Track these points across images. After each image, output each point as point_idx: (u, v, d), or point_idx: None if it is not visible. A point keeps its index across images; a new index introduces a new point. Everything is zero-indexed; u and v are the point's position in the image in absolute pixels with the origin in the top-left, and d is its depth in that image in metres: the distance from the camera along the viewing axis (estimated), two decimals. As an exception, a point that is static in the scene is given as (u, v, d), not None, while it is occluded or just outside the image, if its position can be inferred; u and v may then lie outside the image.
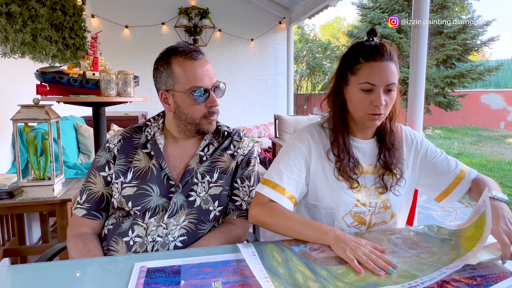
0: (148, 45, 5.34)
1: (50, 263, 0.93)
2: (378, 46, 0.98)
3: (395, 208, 1.08)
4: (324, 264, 0.80)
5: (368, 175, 1.07)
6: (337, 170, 1.03)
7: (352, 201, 1.04)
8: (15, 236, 2.12)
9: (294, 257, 0.84)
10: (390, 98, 0.99)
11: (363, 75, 0.97)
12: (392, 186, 1.06)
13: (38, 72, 1.92)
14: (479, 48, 8.96)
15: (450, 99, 8.79)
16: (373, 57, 0.97)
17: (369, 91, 0.97)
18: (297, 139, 1.07)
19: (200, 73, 1.01)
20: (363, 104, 0.98)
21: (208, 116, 1.05)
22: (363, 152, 1.08)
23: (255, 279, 0.72)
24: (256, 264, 0.79)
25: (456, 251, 0.84)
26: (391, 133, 1.07)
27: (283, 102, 6.11)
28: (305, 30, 12.35)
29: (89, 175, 1.09)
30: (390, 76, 0.96)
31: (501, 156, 6.28)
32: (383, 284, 0.71)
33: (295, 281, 0.73)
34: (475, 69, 8.60)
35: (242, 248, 0.87)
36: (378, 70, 0.96)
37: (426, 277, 0.73)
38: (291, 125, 4.17)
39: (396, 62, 0.99)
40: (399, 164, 1.07)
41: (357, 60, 0.99)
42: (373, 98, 0.96)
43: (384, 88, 0.96)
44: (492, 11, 35.75)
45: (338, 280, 0.73)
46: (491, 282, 0.73)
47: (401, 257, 0.83)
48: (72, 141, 2.83)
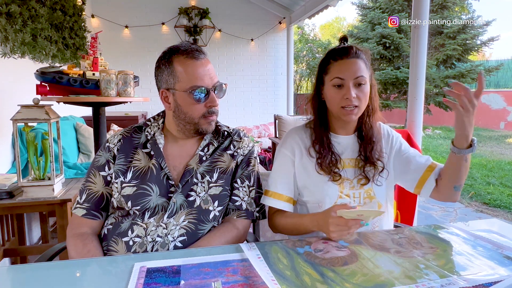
0: (148, 45, 5.34)
1: (50, 263, 0.93)
2: (346, 48, 1.08)
3: (380, 198, 1.12)
4: (331, 265, 0.81)
5: (350, 169, 1.13)
6: (318, 165, 1.11)
7: (336, 192, 1.10)
8: (15, 236, 2.12)
9: (300, 258, 0.84)
10: (362, 92, 1.06)
11: (333, 72, 1.08)
12: (374, 177, 1.11)
13: (38, 72, 1.92)
14: (479, 48, 8.95)
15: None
16: (341, 56, 1.07)
17: (340, 86, 1.06)
18: (282, 146, 1.18)
19: (201, 72, 1.01)
20: (336, 98, 1.07)
21: (207, 116, 1.05)
22: (344, 147, 1.15)
23: (256, 279, 0.72)
24: (262, 267, 0.79)
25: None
26: (371, 128, 1.14)
27: (283, 102, 6.11)
28: (305, 30, 12.36)
29: (89, 175, 1.09)
30: (357, 70, 1.05)
31: (501, 156, 6.28)
32: (391, 284, 0.72)
33: (303, 283, 0.73)
34: (475, 69, 8.58)
35: (246, 251, 0.87)
36: (346, 65, 1.06)
37: (434, 282, 0.73)
38: (291, 125, 4.17)
39: (364, 60, 1.08)
40: (380, 157, 1.13)
41: (328, 61, 1.10)
42: (344, 92, 1.05)
43: (353, 82, 1.05)
44: (492, 11, 35.76)
45: (345, 282, 0.74)
46: (491, 282, 0.73)
47: (406, 257, 0.84)
48: (72, 141, 2.83)
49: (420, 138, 2.43)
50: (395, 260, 0.83)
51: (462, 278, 0.75)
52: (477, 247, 0.90)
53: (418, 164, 1.13)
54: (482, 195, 4.02)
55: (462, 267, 0.80)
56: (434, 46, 9.03)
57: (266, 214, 1.17)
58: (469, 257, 0.85)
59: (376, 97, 1.14)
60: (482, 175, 4.93)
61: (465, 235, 0.99)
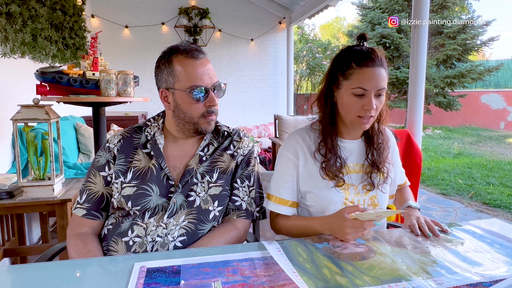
0: (148, 45, 5.34)
1: (50, 263, 0.93)
2: (369, 51, 1.02)
3: (383, 204, 1.13)
4: (349, 259, 0.83)
5: (355, 174, 1.11)
6: (322, 169, 1.07)
7: (341, 199, 1.08)
8: (15, 236, 2.12)
9: (319, 253, 0.87)
10: (380, 102, 1.03)
11: (355, 80, 1.01)
12: (379, 184, 1.10)
13: (38, 72, 1.92)
14: (479, 48, 8.95)
15: (450, 99, 8.78)
16: (365, 62, 1.00)
17: (361, 95, 1.01)
18: (285, 149, 1.13)
19: (200, 72, 1.01)
20: (355, 108, 1.02)
21: (206, 116, 1.05)
22: (350, 152, 1.12)
23: (256, 279, 0.72)
24: (283, 260, 0.81)
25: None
26: (379, 134, 1.12)
27: (283, 102, 6.11)
28: (305, 30, 12.35)
29: (89, 175, 1.09)
30: (381, 82, 1.00)
31: (501, 156, 6.28)
32: (408, 278, 0.74)
33: (323, 275, 0.75)
34: (475, 69, 8.58)
35: (267, 245, 0.90)
36: (370, 75, 0.99)
37: (451, 276, 0.75)
38: (291, 125, 4.17)
39: (385, 67, 1.03)
40: (387, 163, 1.11)
41: (349, 65, 1.02)
42: (365, 103, 1.00)
43: (375, 92, 1.01)
44: (492, 11, 35.77)
45: (364, 275, 0.76)
46: (491, 282, 0.73)
47: (423, 253, 0.87)
48: (72, 141, 2.83)
49: (420, 138, 2.43)
50: (412, 255, 0.85)
51: (479, 274, 0.76)
52: (493, 244, 0.92)
53: (398, 176, 1.22)
54: (482, 195, 4.02)
55: (478, 263, 0.82)
56: (434, 46, 9.03)
57: (266, 214, 1.17)
58: (485, 254, 0.86)
59: (386, 102, 1.10)
60: (482, 175, 4.93)
61: (481, 232, 1.01)
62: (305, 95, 11.03)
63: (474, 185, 4.45)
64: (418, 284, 0.72)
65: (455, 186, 4.41)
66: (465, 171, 5.16)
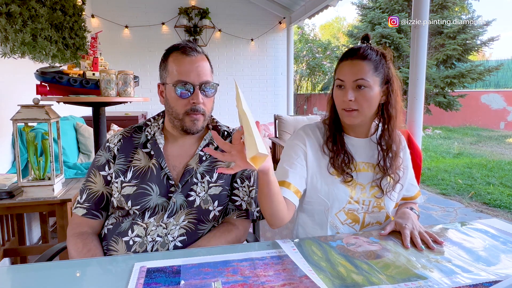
0: (148, 45, 5.34)
1: (50, 263, 0.93)
2: (355, 48, 1.04)
3: (389, 210, 1.11)
4: (364, 258, 0.83)
5: (364, 173, 1.09)
6: (331, 164, 1.07)
7: (346, 197, 1.06)
8: (15, 236, 2.12)
9: (333, 251, 0.87)
10: (362, 95, 1.02)
11: (337, 73, 1.06)
12: (388, 192, 1.08)
13: (38, 72, 1.92)
14: (479, 48, 8.96)
15: (450, 99, 8.79)
16: (347, 57, 1.04)
17: (341, 87, 1.04)
18: (294, 138, 1.13)
19: (187, 68, 1.01)
20: (338, 100, 1.06)
21: (190, 113, 1.03)
22: (357, 149, 1.11)
23: (256, 279, 0.72)
24: (298, 258, 0.82)
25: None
26: (389, 138, 1.09)
27: (283, 102, 6.12)
28: (305, 30, 12.35)
29: (89, 175, 1.09)
30: (357, 72, 1.01)
31: (501, 156, 6.28)
32: (424, 277, 0.74)
33: (339, 273, 0.76)
34: (475, 69, 8.59)
35: (281, 244, 0.90)
36: (347, 67, 1.03)
37: (466, 275, 0.75)
38: (291, 125, 4.17)
39: (374, 62, 1.02)
40: (399, 171, 1.09)
41: (339, 61, 1.08)
42: (343, 94, 1.03)
43: (352, 84, 1.01)
44: (492, 11, 35.77)
45: (379, 273, 0.76)
46: (491, 282, 0.73)
47: (437, 252, 0.87)
48: (72, 141, 2.83)
49: (420, 138, 2.43)
50: (427, 254, 0.86)
51: (493, 273, 0.76)
52: (507, 243, 0.92)
53: (407, 188, 1.18)
54: (482, 195, 4.02)
55: (493, 262, 0.82)
56: (434, 46, 9.03)
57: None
58: (500, 253, 0.87)
59: (396, 102, 1.07)
60: (482, 175, 4.93)
61: (494, 231, 1.01)
62: (305, 95, 11.03)
63: (474, 185, 4.45)
64: (434, 282, 0.72)
65: (455, 186, 4.41)
66: (465, 171, 5.16)
